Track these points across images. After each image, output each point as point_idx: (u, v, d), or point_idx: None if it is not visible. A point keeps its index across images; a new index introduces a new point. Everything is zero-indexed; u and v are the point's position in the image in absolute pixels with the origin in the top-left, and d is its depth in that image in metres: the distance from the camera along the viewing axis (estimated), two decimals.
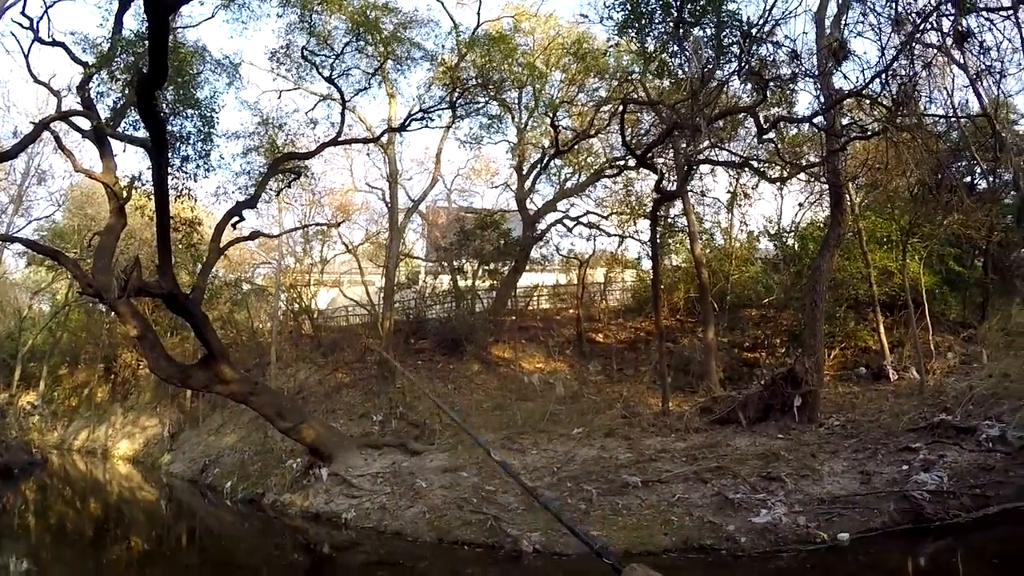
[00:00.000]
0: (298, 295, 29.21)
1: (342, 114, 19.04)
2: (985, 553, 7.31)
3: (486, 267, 25.24)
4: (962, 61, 14.01)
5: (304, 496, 14.77)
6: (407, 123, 20.69)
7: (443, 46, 21.26)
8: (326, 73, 18.86)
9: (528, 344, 24.31)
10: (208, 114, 15.12)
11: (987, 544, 7.54)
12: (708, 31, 15.44)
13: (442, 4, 25.87)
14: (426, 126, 21.17)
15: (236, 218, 17.09)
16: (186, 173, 15.22)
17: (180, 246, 17.36)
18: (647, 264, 26.36)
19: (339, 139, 19.56)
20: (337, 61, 18.89)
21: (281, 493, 15.70)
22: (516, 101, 25.58)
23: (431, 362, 23.35)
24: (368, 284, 29.45)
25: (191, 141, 15.13)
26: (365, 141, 23.42)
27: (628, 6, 15.32)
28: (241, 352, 26.68)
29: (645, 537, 9.50)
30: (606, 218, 28.45)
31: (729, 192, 25.57)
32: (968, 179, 19.57)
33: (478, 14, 24.87)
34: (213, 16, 17.99)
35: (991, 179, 19.03)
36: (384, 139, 24.28)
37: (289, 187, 20.99)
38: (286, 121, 20.71)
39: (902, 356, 18.14)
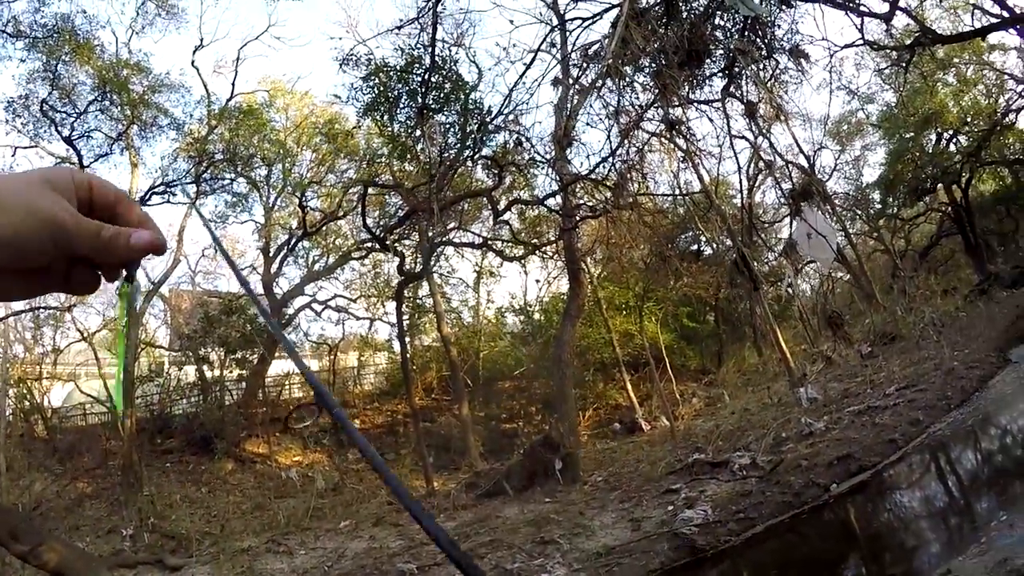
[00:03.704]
0: (28, 390, 24.98)
1: None
2: (764, 567, 7.87)
3: (233, 356, 23.69)
4: (683, 146, 15.74)
5: None
6: (148, 196, 19.29)
7: (192, 115, 20.32)
8: (66, 132, 17.17)
9: (283, 436, 23.05)
10: None
11: (762, 558, 8.12)
12: (451, 118, 16.21)
13: (197, 70, 24.79)
14: (168, 201, 19.91)
15: None
16: None
17: None
18: (399, 346, 26.29)
19: None
20: (79, 120, 17.34)
21: None
22: (264, 179, 24.71)
23: (181, 463, 21.26)
24: (107, 377, 26.14)
25: None
26: None
27: (375, 89, 15.74)
28: None
29: None
30: (355, 301, 28.09)
31: (475, 271, 26.50)
32: (695, 247, 21.86)
33: (233, 84, 24.26)
34: None
35: (714, 245, 21.34)
36: None
37: None
38: None
39: (651, 408, 19.40)
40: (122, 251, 0.81)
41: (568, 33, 16.65)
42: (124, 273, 0.85)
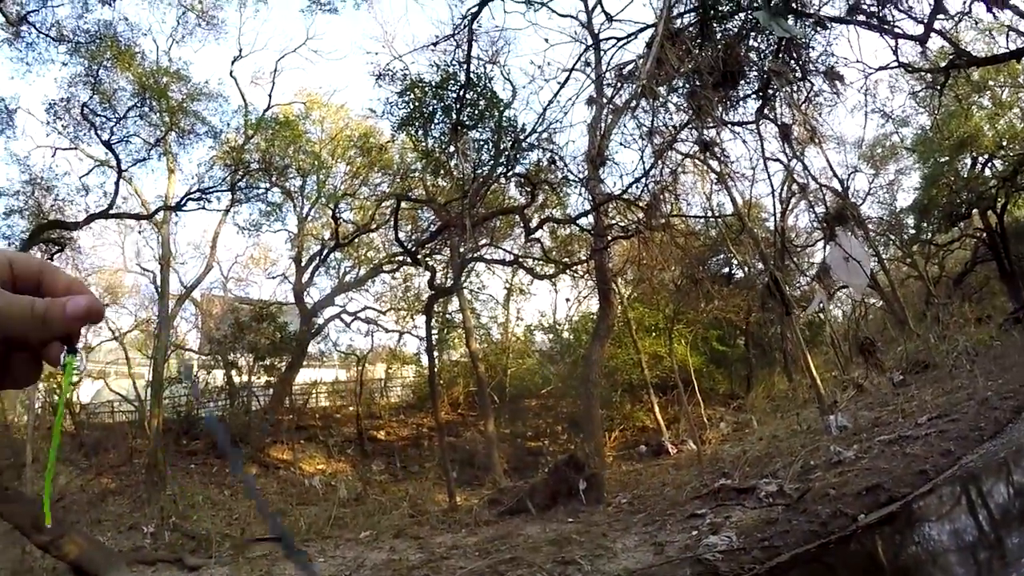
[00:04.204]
0: (58, 386, 25.42)
1: (117, 184, 17.72)
2: None
3: (262, 362, 23.80)
4: (716, 168, 15.67)
5: None
6: (184, 202, 19.61)
7: (229, 124, 20.62)
8: (105, 136, 17.48)
9: (308, 444, 23.16)
10: None
11: None
12: (485, 135, 16.27)
13: (235, 80, 25.31)
14: (204, 207, 20.18)
15: None
16: None
17: None
18: (427, 360, 26.28)
19: (111, 212, 18.00)
20: (119, 125, 17.63)
21: None
22: (299, 190, 24.95)
23: (205, 465, 21.47)
24: (136, 377, 26.51)
25: None
26: (139, 217, 21.76)
27: (411, 104, 15.85)
28: None
29: None
30: (384, 313, 28.18)
31: (505, 288, 26.53)
32: (726, 270, 21.75)
33: (270, 95, 24.47)
34: None
35: (745, 269, 21.24)
36: (159, 217, 22.52)
37: (52, 260, 18.74)
38: (56, 184, 18.88)
39: (678, 431, 19.25)
40: (59, 323, 0.75)
41: (603, 52, 16.69)
42: (65, 348, 0.80)
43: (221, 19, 20.94)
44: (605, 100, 15.88)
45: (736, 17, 13.43)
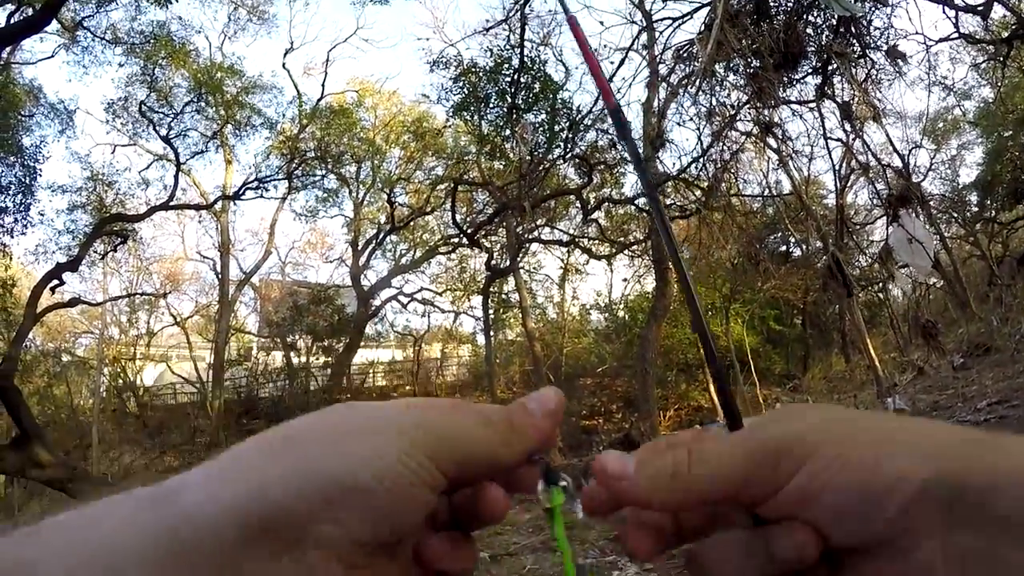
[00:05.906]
0: (122, 370, 26.73)
1: (176, 177, 18.19)
2: None
3: (320, 343, 24.26)
4: (775, 147, 15.50)
5: None
6: (242, 191, 20.18)
7: (284, 115, 21.14)
8: (163, 132, 18.14)
9: None
10: (32, 164, 14.20)
11: None
12: (540, 117, 16.31)
13: (288, 72, 25.87)
14: (261, 196, 20.68)
15: (56, 281, 15.05)
16: (2, 227, 14.08)
17: None
18: (482, 339, 26.46)
19: (171, 203, 18.46)
20: (176, 120, 18.30)
21: None
22: (354, 175, 25.45)
23: None
24: (197, 360, 27.45)
25: (10, 192, 14.06)
26: (198, 207, 22.42)
27: (465, 89, 15.98)
28: (59, 432, 23.56)
29: None
30: (440, 295, 28.48)
31: (561, 268, 26.57)
32: (784, 248, 21.47)
33: (323, 85, 24.86)
34: (53, 56, 17.12)
35: (803, 247, 20.97)
36: (218, 206, 23.29)
37: (115, 251, 19.64)
38: (117, 179, 19.75)
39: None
40: (530, 426, 0.53)
41: (658, 33, 16.56)
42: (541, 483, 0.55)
43: (272, 14, 21.56)
44: (659, 79, 15.80)
45: None
